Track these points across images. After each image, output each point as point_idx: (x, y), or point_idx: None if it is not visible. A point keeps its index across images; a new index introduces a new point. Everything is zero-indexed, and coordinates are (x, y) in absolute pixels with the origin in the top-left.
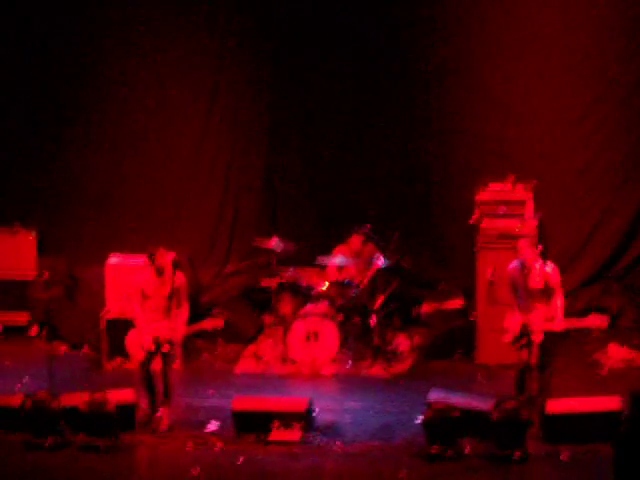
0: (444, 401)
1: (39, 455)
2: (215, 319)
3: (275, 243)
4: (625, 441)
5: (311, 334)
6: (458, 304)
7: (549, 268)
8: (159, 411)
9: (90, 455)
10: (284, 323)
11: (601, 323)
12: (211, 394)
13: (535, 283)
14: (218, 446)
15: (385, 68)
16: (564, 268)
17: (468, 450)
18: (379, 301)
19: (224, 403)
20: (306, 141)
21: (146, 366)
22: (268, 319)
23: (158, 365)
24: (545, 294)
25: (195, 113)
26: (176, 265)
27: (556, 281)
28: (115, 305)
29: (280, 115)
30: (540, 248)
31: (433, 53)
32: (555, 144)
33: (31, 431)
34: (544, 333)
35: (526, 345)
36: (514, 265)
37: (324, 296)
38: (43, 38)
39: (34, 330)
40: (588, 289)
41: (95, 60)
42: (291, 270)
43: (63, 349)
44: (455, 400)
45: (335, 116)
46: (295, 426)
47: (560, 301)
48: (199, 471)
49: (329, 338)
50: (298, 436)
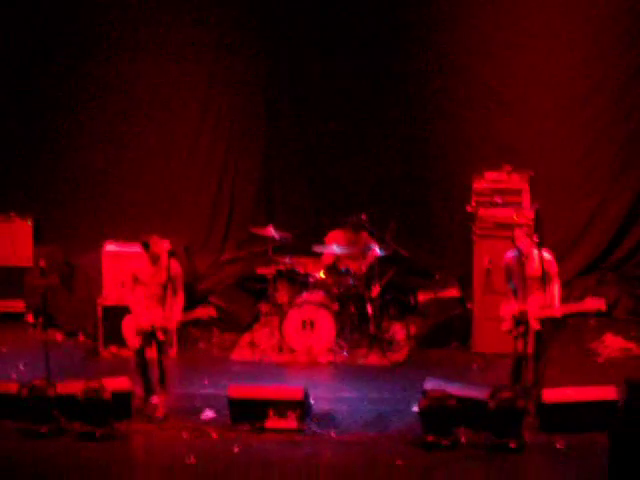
0: (440, 390)
1: (35, 443)
2: (209, 307)
3: (271, 231)
4: (621, 429)
5: (307, 323)
6: (454, 293)
7: (546, 256)
8: (155, 399)
9: (86, 443)
10: (280, 312)
11: (599, 306)
12: (207, 382)
13: (532, 271)
14: (214, 434)
15: (383, 58)
16: (560, 258)
17: (464, 439)
18: (375, 290)
19: (220, 391)
20: (303, 129)
21: (141, 354)
22: (264, 307)
23: (153, 353)
24: (542, 282)
25: (192, 102)
26: (172, 253)
27: (553, 269)
28: (112, 292)
29: (278, 104)
30: (536, 237)
31: (431, 45)
32: (552, 134)
33: (27, 419)
34: (542, 320)
35: (522, 334)
36: (511, 254)
37: (320, 285)
38: (41, 28)
39: (30, 318)
40: (584, 279)
41: (92, 50)
42: (287, 259)
43: (59, 337)
44: (451, 389)
45: (333, 106)
46: (291, 414)
47: (557, 288)
48: (195, 459)
49: (325, 327)
50: (294, 424)
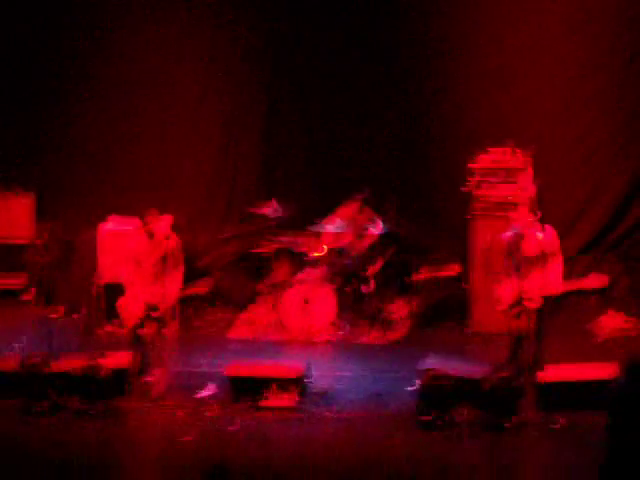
0: (438, 369)
1: (31, 420)
2: (206, 283)
3: (272, 209)
4: (618, 408)
5: (306, 300)
6: (453, 272)
7: (547, 234)
8: (152, 376)
9: (83, 420)
10: (279, 289)
11: (601, 283)
12: (205, 360)
13: (531, 250)
14: (211, 412)
15: (383, 38)
16: (560, 235)
17: (461, 418)
18: (375, 268)
19: (217, 369)
20: (304, 107)
21: (138, 331)
22: (263, 285)
23: (150, 330)
24: (541, 261)
25: (193, 78)
26: (170, 230)
27: (554, 246)
28: (108, 270)
29: (279, 81)
30: (537, 215)
31: (430, 21)
32: (552, 113)
33: (25, 395)
34: (542, 299)
35: (521, 313)
36: (509, 232)
37: (319, 263)
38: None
39: (30, 294)
40: (584, 257)
41: (93, 24)
42: (287, 236)
43: (58, 313)
44: (449, 368)
45: (333, 84)
46: (289, 392)
47: (559, 265)
48: (191, 437)
49: (324, 305)
50: (292, 402)
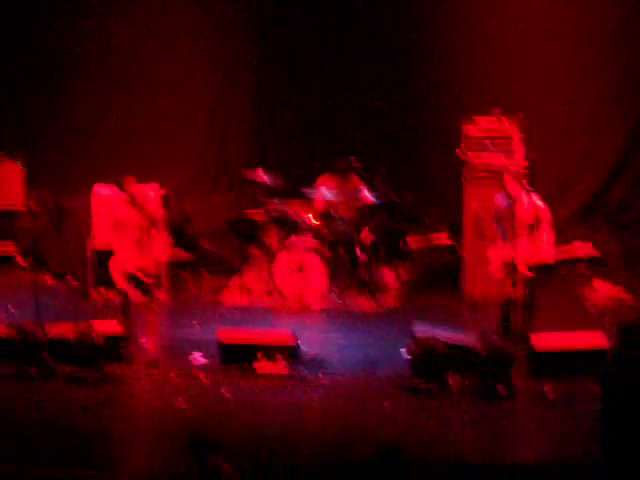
0: (430, 335)
1: (25, 386)
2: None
3: (262, 175)
4: (612, 374)
5: (297, 266)
6: (445, 239)
7: (537, 201)
8: (143, 341)
9: (76, 386)
10: (270, 255)
11: (589, 251)
12: (197, 326)
13: (522, 216)
14: (203, 378)
15: (372, 5)
16: (550, 203)
17: (453, 385)
18: (366, 235)
19: (210, 335)
20: (295, 72)
21: (126, 296)
22: (254, 251)
23: (139, 295)
24: (531, 228)
25: (184, 44)
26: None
27: (544, 214)
28: (101, 235)
29: (268, 48)
30: (526, 182)
31: None
32: (542, 79)
33: (17, 362)
34: (532, 267)
35: (511, 280)
36: (500, 198)
37: (311, 229)
38: None
39: (20, 260)
40: (574, 225)
41: None
42: (278, 202)
43: (49, 279)
44: (441, 335)
45: (324, 50)
46: (281, 359)
47: (549, 234)
48: (184, 403)
49: (315, 271)
50: (284, 369)
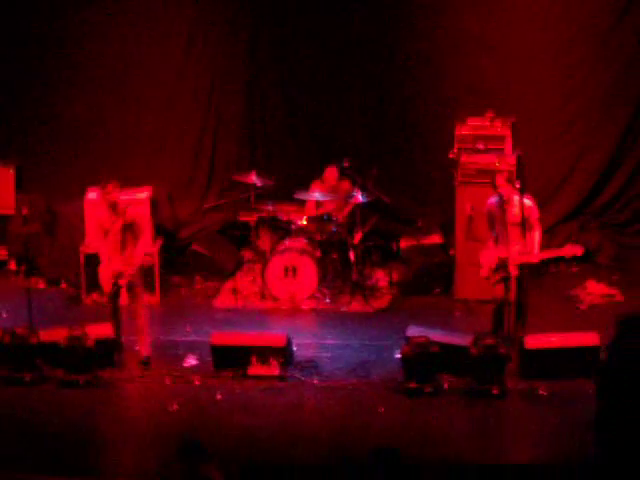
0: (422, 336)
1: (18, 390)
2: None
3: (254, 178)
4: (609, 367)
5: (289, 269)
6: (437, 240)
7: (527, 202)
8: (135, 345)
9: (69, 390)
10: (263, 259)
11: (576, 251)
12: (189, 329)
13: (513, 217)
14: (197, 381)
15: (365, 5)
16: (542, 204)
17: (446, 386)
18: (358, 236)
19: (203, 338)
20: (285, 77)
21: (112, 299)
22: (247, 254)
23: (124, 299)
24: (522, 228)
25: (174, 48)
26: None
27: (534, 215)
28: (93, 240)
29: (261, 52)
30: (518, 183)
31: None
32: (534, 80)
33: (10, 366)
34: (520, 266)
35: (502, 280)
36: (492, 199)
37: (303, 232)
38: None
39: (13, 265)
40: (566, 226)
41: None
42: (270, 205)
43: (42, 284)
44: (433, 336)
45: (315, 53)
46: (274, 361)
47: (538, 235)
48: (177, 406)
49: (308, 274)
50: (277, 371)
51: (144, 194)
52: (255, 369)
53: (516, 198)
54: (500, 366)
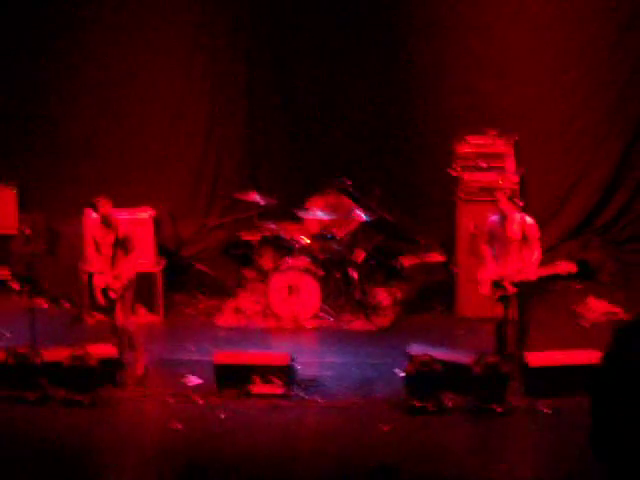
0: (425, 355)
1: (20, 410)
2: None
3: (256, 197)
4: (604, 378)
5: (292, 288)
6: (439, 258)
7: (528, 220)
8: (137, 363)
9: (72, 410)
10: (265, 277)
11: (570, 269)
12: (192, 348)
13: (512, 234)
14: (200, 400)
15: (366, 22)
16: (545, 222)
17: (449, 404)
18: (360, 255)
19: (205, 357)
20: (287, 96)
21: (109, 315)
22: (249, 273)
23: (119, 315)
24: (521, 246)
25: (176, 68)
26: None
27: (534, 234)
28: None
29: (261, 71)
30: (520, 201)
31: (414, 7)
32: (536, 99)
33: (13, 386)
34: (516, 284)
35: (502, 298)
36: (494, 217)
37: (305, 250)
38: None
39: (15, 285)
40: (568, 243)
41: (75, 18)
42: (272, 224)
43: (44, 304)
44: (436, 354)
45: (315, 71)
46: (277, 380)
47: (536, 253)
48: (180, 425)
49: (310, 292)
50: (280, 390)
51: (146, 213)
52: (258, 388)
53: (517, 216)
54: (503, 384)
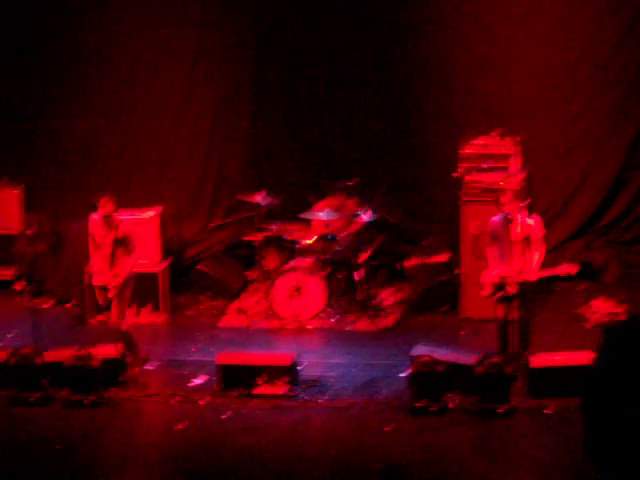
0: (429, 356)
1: (24, 411)
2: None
3: (259, 198)
4: (596, 382)
5: (296, 289)
6: (442, 259)
7: (532, 221)
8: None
9: (75, 410)
10: (269, 278)
11: (571, 270)
12: (196, 349)
13: (515, 235)
14: (203, 401)
15: (370, 23)
16: (549, 223)
17: (452, 405)
18: (364, 256)
19: (209, 358)
20: (291, 96)
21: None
22: (253, 274)
23: (114, 313)
24: (524, 247)
25: (180, 69)
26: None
27: (538, 234)
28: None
29: (266, 72)
30: (525, 202)
31: (418, 6)
32: (540, 99)
33: (16, 387)
34: (519, 284)
35: (504, 299)
36: (496, 217)
37: (309, 251)
38: None
39: (19, 285)
40: (573, 244)
41: (79, 16)
42: (275, 225)
43: (48, 304)
44: (440, 355)
45: (320, 72)
46: (280, 380)
47: (539, 254)
48: (184, 426)
49: (314, 293)
50: (283, 390)
51: (152, 213)
52: (261, 388)
53: (520, 216)
54: (506, 385)
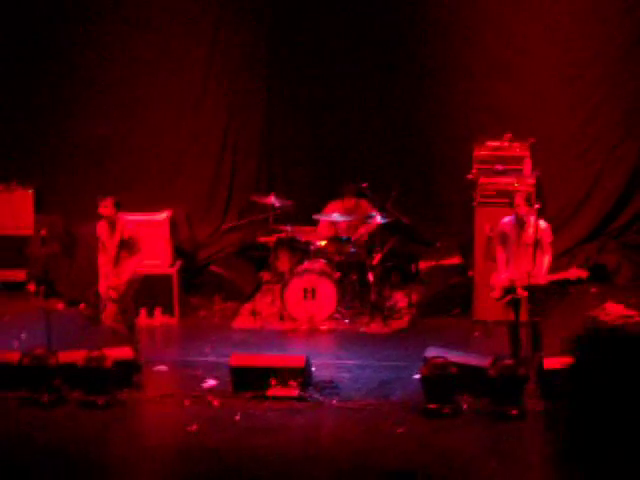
0: (441, 358)
1: (36, 412)
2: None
3: (272, 200)
4: (572, 390)
5: (308, 291)
6: (456, 261)
7: (542, 224)
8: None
9: (87, 412)
10: (281, 280)
11: (581, 274)
12: (209, 351)
13: (526, 238)
14: (216, 402)
15: (383, 26)
16: (561, 225)
17: (465, 407)
18: (377, 258)
19: (222, 360)
20: (304, 99)
21: (134, 320)
22: (265, 276)
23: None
24: (535, 250)
25: (194, 72)
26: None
27: (547, 239)
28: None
29: (280, 73)
30: (537, 205)
31: (431, 10)
32: (553, 102)
33: (28, 388)
34: (528, 288)
35: (513, 302)
36: (507, 219)
37: (322, 253)
38: None
39: (32, 287)
40: (585, 247)
41: (93, 14)
42: (288, 227)
43: (61, 306)
44: (452, 357)
45: (333, 74)
46: (293, 383)
47: (548, 259)
48: (196, 427)
49: (327, 295)
50: (296, 392)
51: (163, 215)
52: (274, 390)
53: (532, 219)
54: (519, 387)
